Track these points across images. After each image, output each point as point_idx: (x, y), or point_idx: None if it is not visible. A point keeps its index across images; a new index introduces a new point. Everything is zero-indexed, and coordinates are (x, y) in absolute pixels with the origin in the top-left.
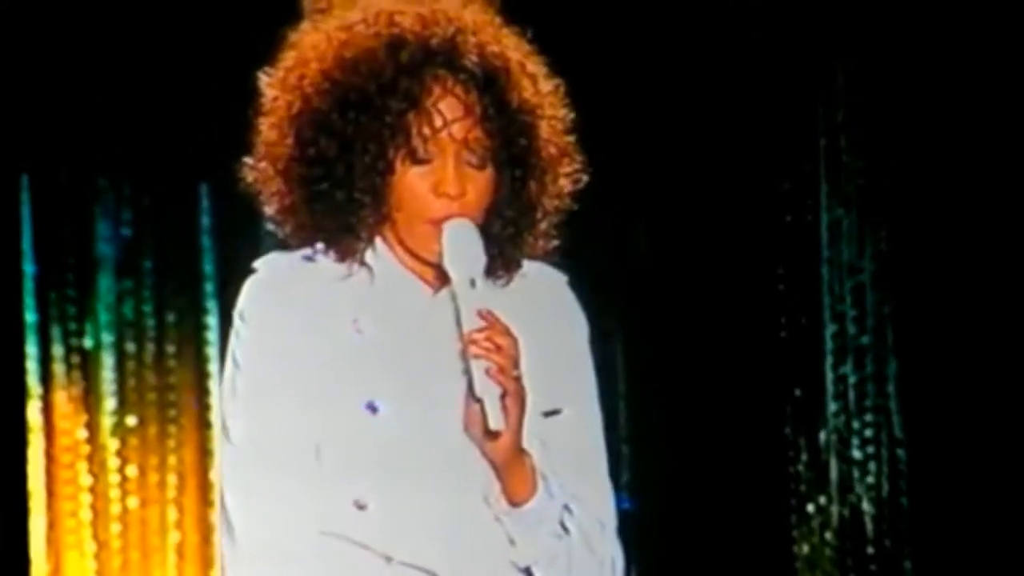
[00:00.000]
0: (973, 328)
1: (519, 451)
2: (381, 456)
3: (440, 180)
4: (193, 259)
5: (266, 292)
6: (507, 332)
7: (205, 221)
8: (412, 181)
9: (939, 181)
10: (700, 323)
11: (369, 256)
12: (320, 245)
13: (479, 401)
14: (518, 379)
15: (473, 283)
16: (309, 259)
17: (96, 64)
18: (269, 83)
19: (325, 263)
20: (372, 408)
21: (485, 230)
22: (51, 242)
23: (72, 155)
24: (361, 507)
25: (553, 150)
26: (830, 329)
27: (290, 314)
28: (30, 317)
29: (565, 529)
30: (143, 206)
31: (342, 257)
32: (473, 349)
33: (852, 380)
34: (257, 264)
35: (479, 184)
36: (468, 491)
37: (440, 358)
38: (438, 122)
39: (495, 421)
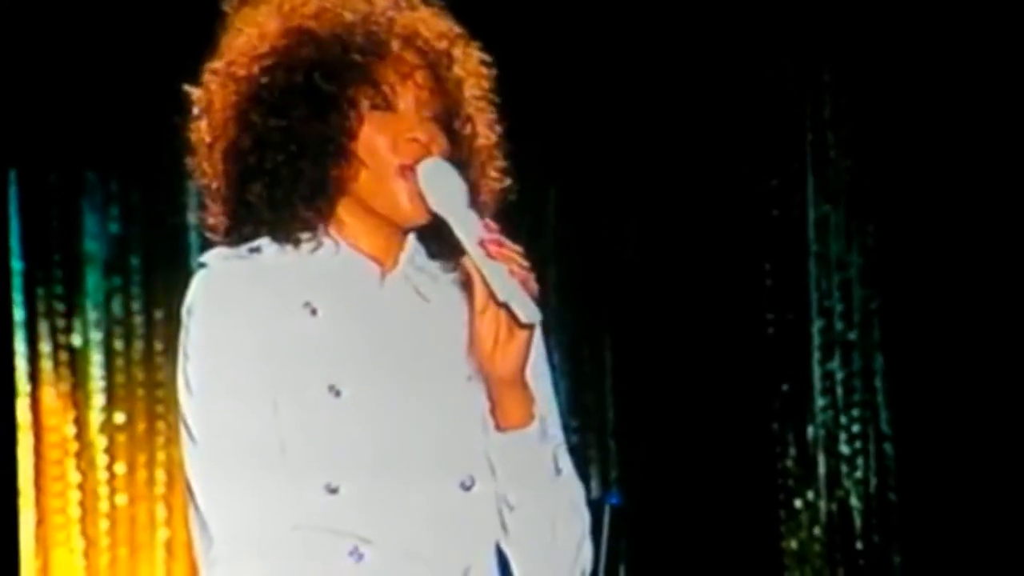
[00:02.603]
0: (960, 323)
1: (523, 373)
2: (348, 438)
3: (409, 126)
4: (181, 256)
5: (214, 285)
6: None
7: (193, 218)
8: (379, 133)
9: (926, 176)
10: (688, 319)
11: (319, 238)
12: (266, 239)
13: (503, 305)
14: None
15: (469, 205)
16: (256, 251)
17: (84, 60)
18: (212, 71)
19: (272, 253)
20: (335, 391)
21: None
22: (39, 239)
23: (60, 151)
24: (333, 491)
25: (486, 143)
26: (817, 324)
27: (240, 305)
28: (18, 314)
29: (558, 470)
30: (131, 202)
31: (296, 240)
32: (491, 249)
33: (839, 375)
34: (204, 258)
35: (440, 141)
36: (440, 468)
37: (398, 336)
38: (404, 68)
39: (529, 313)
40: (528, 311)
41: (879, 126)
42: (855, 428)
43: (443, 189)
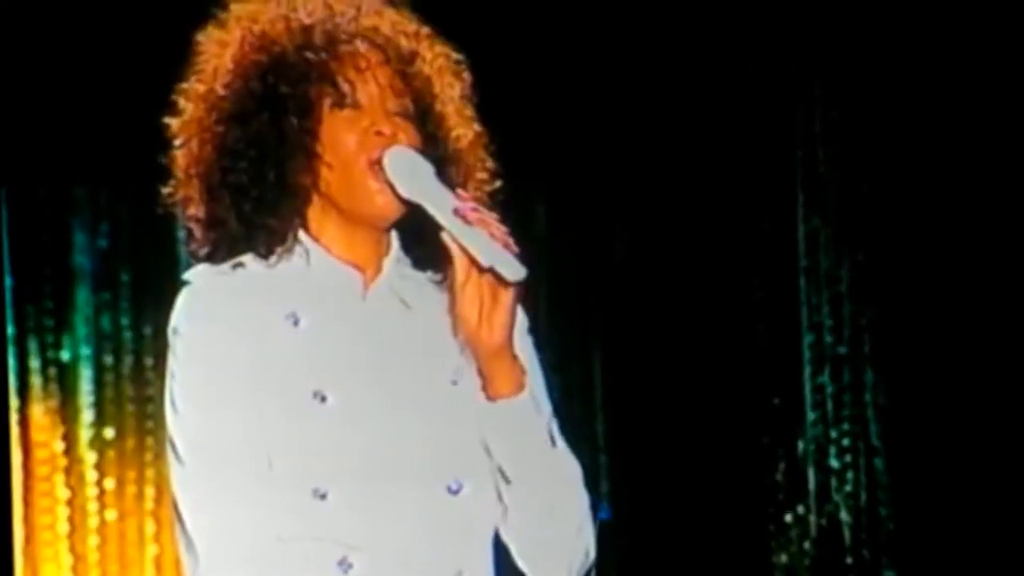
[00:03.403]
0: (950, 337)
1: (511, 342)
2: (335, 445)
3: (372, 121)
4: (171, 271)
5: (197, 303)
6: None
7: (183, 233)
8: (343, 131)
9: (916, 191)
10: (678, 333)
11: (298, 248)
12: (249, 255)
13: (487, 270)
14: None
15: (436, 175)
16: (239, 266)
17: (71, 76)
18: (181, 92)
19: (255, 268)
20: (320, 397)
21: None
22: (28, 254)
23: (49, 166)
24: (321, 496)
25: (464, 142)
26: (808, 339)
27: (223, 321)
28: (7, 330)
29: (552, 442)
30: (120, 217)
31: (270, 248)
32: (470, 216)
33: (830, 390)
34: (188, 276)
35: (409, 133)
36: (427, 473)
37: (382, 342)
38: (362, 63)
39: (514, 272)
40: (513, 269)
41: (869, 140)
42: (845, 442)
43: (410, 173)
